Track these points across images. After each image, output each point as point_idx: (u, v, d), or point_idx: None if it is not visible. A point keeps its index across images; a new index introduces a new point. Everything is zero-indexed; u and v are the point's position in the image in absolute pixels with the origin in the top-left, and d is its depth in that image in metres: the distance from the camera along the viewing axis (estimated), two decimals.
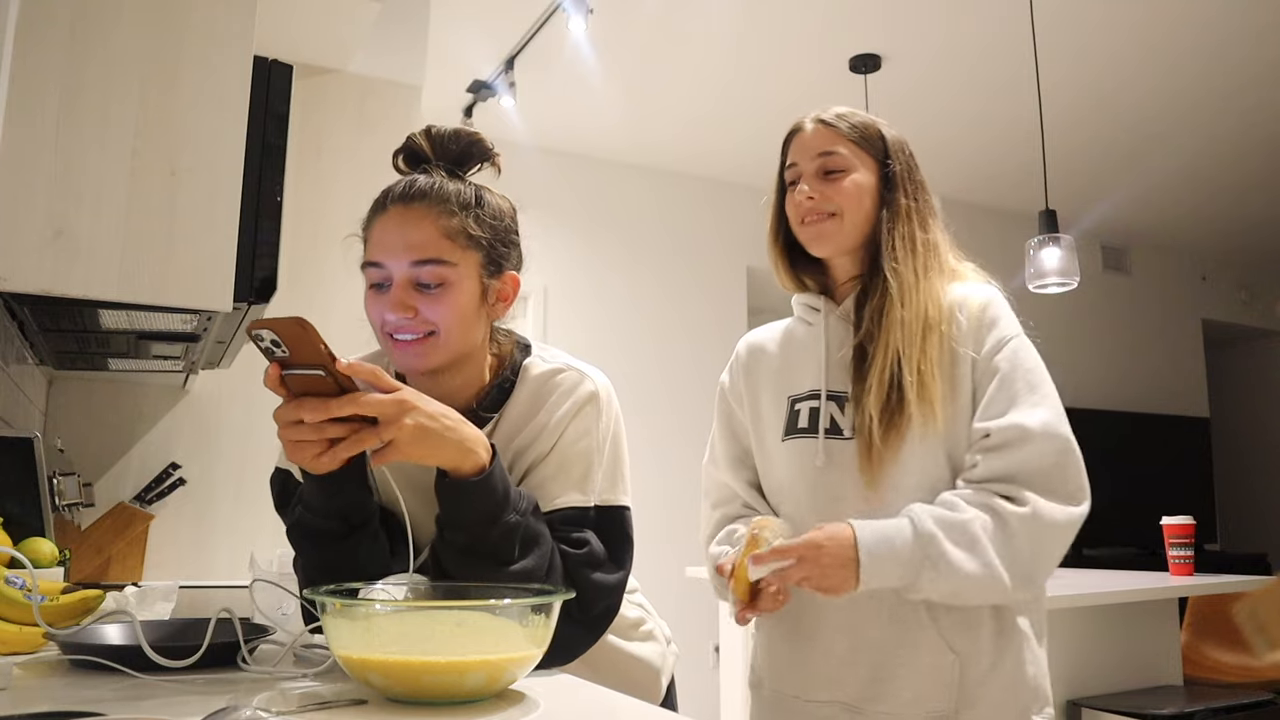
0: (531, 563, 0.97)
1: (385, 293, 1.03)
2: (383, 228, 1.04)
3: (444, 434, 0.93)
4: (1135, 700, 2.40)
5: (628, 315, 4.58)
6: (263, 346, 0.88)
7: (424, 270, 1.02)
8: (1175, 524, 2.71)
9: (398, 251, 1.02)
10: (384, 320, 1.03)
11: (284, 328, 0.86)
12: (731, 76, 3.90)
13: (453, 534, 0.97)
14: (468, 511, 0.95)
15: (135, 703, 0.81)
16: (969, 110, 4.19)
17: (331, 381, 0.88)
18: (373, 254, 1.04)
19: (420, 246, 1.02)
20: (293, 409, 0.89)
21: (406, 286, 1.02)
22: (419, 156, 1.10)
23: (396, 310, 1.01)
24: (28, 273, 1.18)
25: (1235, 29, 3.48)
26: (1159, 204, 5.35)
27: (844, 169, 1.25)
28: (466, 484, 0.95)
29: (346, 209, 1.11)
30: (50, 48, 1.21)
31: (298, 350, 0.87)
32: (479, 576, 0.96)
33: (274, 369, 0.89)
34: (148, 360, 1.91)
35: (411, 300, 1.02)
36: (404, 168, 1.11)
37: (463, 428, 0.95)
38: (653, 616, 1.33)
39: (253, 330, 0.86)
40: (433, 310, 1.02)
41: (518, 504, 0.98)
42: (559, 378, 1.11)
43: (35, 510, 1.64)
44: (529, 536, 0.98)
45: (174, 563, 2.33)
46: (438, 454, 0.93)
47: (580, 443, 1.08)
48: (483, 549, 0.96)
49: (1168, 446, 5.75)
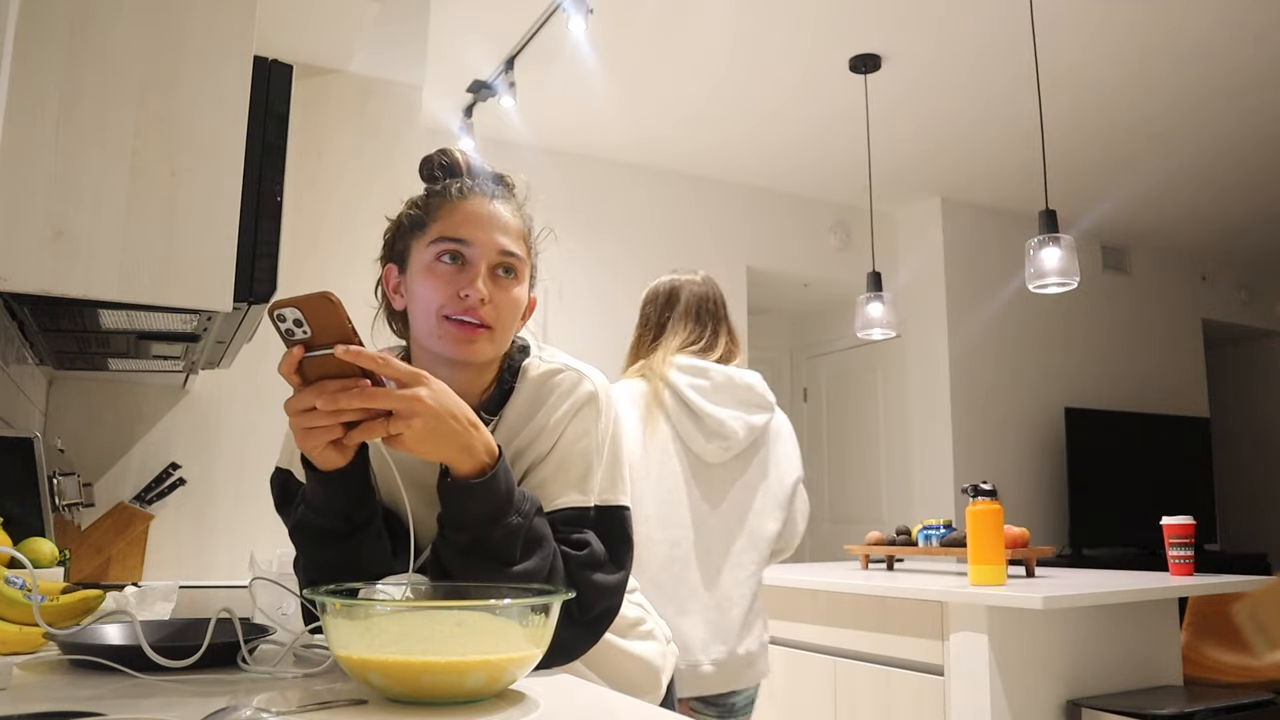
0: (533, 564, 0.97)
1: (463, 269, 1.04)
2: (472, 207, 1.06)
3: (452, 433, 0.92)
4: (1135, 700, 2.40)
5: (628, 315, 4.58)
6: (284, 328, 0.87)
7: (510, 259, 1.06)
8: (1175, 524, 2.71)
9: (491, 231, 1.05)
10: (453, 296, 1.03)
11: (310, 304, 0.85)
12: (731, 76, 3.90)
13: (454, 533, 0.97)
14: (470, 512, 0.95)
15: (135, 703, 0.81)
16: (969, 110, 4.19)
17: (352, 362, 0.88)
18: (459, 230, 1.05)
19: (511, 234, 1.07)
20: (310, 394, 0.89)
21: (489, 271, 1.05)
22: (454, 171, 1.13)
23: (476, 289, 1.02)
24: (28, 273, 1.18)
25: (1236, 29, 3.49)
26: (1159, 204, 5.35)
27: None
28: (469, 485, 0.95)
29: (346, 209, 1.11)
30: (50, 48, 1.21)
31: (322, 329, 0.86)
32: (480, 576, 0.96)
33: (298, 351, 0.88)
34: (148, 360, 1.91)
35: (489, 285, 1.04)
36: (438, 175, 1.13)
37: (471, 428, 0.95)
38: (652, 616, 1.33)
39: (275, 310, 0.86)
40: (505, 299, 1.05)
41: (521, 506, 0.98)
42: (558, 378, 1.11)
43: (35, 510, 1.64)
44: (531, 538, 0.98)
45: (174, 563, 2.33)
46: (443, 451, 0.93)
47: (580, 443, 1.08)
48: (484, 549, 0.96)
49: (1168, 446, 5.75)
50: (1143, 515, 4.08)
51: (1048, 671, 2.38)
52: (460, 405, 0.94)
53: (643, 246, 4.74)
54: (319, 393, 0.89)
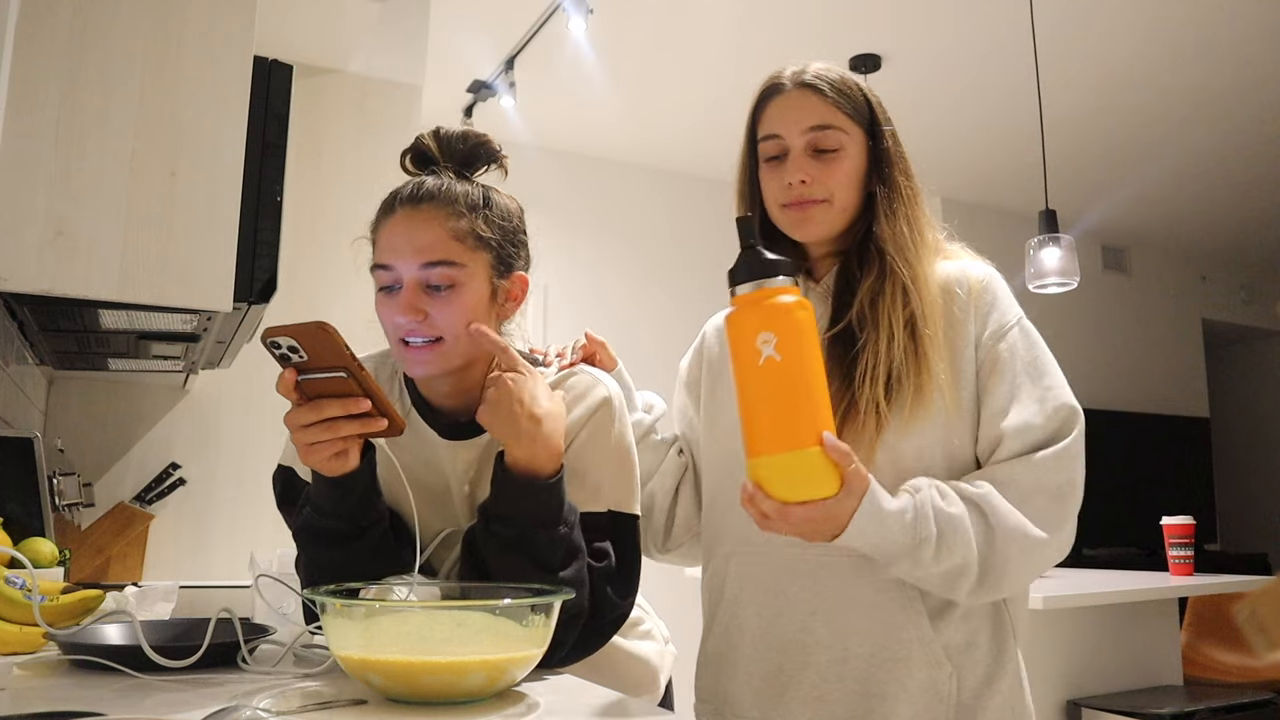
0: (569, 573, 0.97)
1: (395, 295, 1.02)
2: (391, 230, 1.03)
3: (512, 415, 0.96)
4: (1135, 700, 2.40)
5: (629, 315, 4.58)
6: (278, 354, 0.88)
7: (434, 272, 1.01)
8: (1175, 524, 2.71)
9: (407, 253, 1.01)
10: (395, 324, 1.03)
11: (305, 334, 0.85)
12: (731, 76, 3.90)
13: (500, 526, 0.97)
14: (523, 510, 0.96)
15: (135, 703, 0.81)
16: (969, 110, 4.19)
17: (353, 383, 0.89)
18: (381, 256, 1.04)
19: (429, 248, 1.01)
20: (309, 412, 0.90)
21: (416, 289, 1.01)
22: (427, 158, 1.10)
23: (406, 313, 1.01)
24: (28, 273, 1.18)
25: (1236, 31, 3.48)
26: (1159, 204, 5.35)
27: (837, 147, 1.12)
28: (529, 483, 0.96)
29: (346, 209, 1.11)
30: (50, 48, 1.22)
31: (318, 355, 0.87)
32: (518, 574, 0.96)
33: (290, 374, 0.89)
34: (148, 360, 1.91)
35: (421, 303, 1.01)
36: (412, 169, 1.11)
37: (533, 423, 0.96)
38: (651, 616, 1.33)
39: (268, 339, 0.86)
40: (442, 314, 1.01)
41: (569, 517, 0.98)
42: (571, 381, 1.11)
43: (35, 510, 1.64)
44: (572, 548, 0.98)
45: (174, 563, 2.33)
46: (502, 429, 0.97)
47: (594, 448, 1.07)
48: (528, 550, 0.96)
49: (1168, 446, 5.75)
50: (1143, 515, 4.08)
51: (1048, 671, 2.38)
52: (536, 401, 0.97)
53: (643, 246, 4.73)
54: (319, 413, 0.90)
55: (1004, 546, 1.01)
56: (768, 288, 0.94)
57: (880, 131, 1.15)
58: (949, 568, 1.00)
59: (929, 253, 1.14)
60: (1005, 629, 1.09)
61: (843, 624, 1.07)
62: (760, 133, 1.16)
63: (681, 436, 1.30)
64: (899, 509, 0.98)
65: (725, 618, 1.16)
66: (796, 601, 1.09)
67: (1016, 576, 1.02)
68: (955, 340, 1.10)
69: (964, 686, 1.05)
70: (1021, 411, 1.06)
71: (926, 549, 0.99)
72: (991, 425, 1.07)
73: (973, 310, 1.11)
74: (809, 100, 1.13)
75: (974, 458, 1.10)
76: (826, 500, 0.93)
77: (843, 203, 1.13)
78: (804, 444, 0.92)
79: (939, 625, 1.06)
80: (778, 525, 0.95)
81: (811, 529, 0.95)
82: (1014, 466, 1.04)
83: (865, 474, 0.96)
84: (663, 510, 1.26)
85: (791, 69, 1.16)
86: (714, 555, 1.20)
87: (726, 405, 1.18)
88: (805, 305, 0.95)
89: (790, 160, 1.12)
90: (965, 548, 1.00)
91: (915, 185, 1.16)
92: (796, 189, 1.11)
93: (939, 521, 1.00)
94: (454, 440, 1.08)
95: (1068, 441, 1.04)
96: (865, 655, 1.06)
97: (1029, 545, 1.01)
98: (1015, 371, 1.08)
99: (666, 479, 1.27)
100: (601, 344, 1.31)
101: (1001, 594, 1.04)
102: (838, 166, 1.12)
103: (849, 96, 1.14)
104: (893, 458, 1.05)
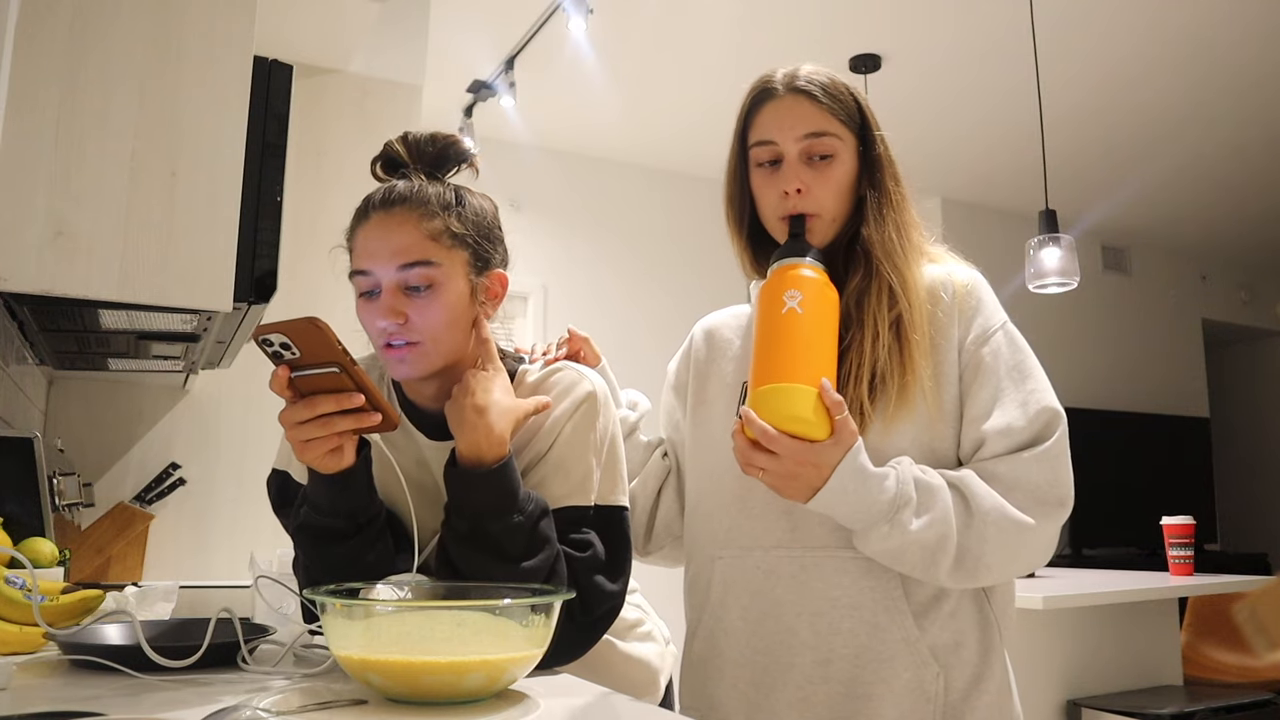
0: (534, 564, 0.97)
1: (375, 300, 1.03)
2: (366, 235, 1.04)
3: (460, 411, 1.00)
4: (1135, 700, 2.40)
5: (628, 315, 4.58)
6: (270, 351, 0.88)
7: (411, 273, 1.02)
8: (1175, 524, 2.71)
9: (383, 257, 1.02)
10: (377, 328, 1.03)
11: (296, 330, 0.86)
12: (731, 76, 3.89)
13: (456, 520, 0.99)
14: (470, 501, 0.98)
15: (135, 703, 0.81)
16: (969, 110, 4.19)
17: (346, 378, 0.89)
18: (359, 262, 1.05)
19: (405, 250, 1.02)
20: (304, 408, 0.91)
21: (395, 292, 1.02)
22: (397, 162, 1.11)
23: (387, 316, 1.01)
24: (28, 273, 1.18)
25: (1236, 31, 3.48)
26: (1159, 204, 5.35)
27: (831, 154, 1.12)
28: (468, 474, 0.98)
29: (346, 209, 1.11)
30: (50, 48, 1.21)
31: (310, 351, 0.87)
32: (479, 567, 0.97)
33: (284, 371, 0.90)
34: (148, 360, 1.91)
35: (401, 305, 1.02)
36: (383, 175, 1.12)
37: (478, 417, 0.98)
38: (651, 617, 1.33)
39: (260, 336, 0.86)
40: (422, 315, 1.02)
41: (524, 506, 0.98)
42: (556, 376, 1.11)
43: (35, 510, 1.64)
44: (535, 538, 0.98)
45: (174, 563, 2.33)
46: (454, 426, 1.00)
47: (579, 443, 1.07)
48: (483, 541, 0.97)
49: (1168, 446, 5.75)
50: (1143, 515, 4.08)
51: (1048, 671, 2.38)
52: (482, 392, 1.00)
53: (643, 246, 4.73)
54: (313, 410, 0.90)
55: (981, 526, 1.02)
56: (807, 264, 1.06)
57: (871, 136, 1.15)
58: (929, 538, 1.01)
59: (916, 257, 1.14)
60: (992, 630, 1.10)
61: (827, 625, 1.07)
62: (752, 138, 1.16)
63: (667, 439, 1.31)
64: (881, 473, 1.01)
65: (710, 622, 1.16)
66: (781, 604, 1.09)
67: (995, 559, 1.02)
68: (939, 343, 1.11)
69: (951, 687, 1.05)
70: (1004, 414, 1.07)
71: (907, 511, 1.00)
72: (974, 427, 1.09)
73: (957, 314, 1.12)
74: (803, 106, 1.12)
75: (955, 460, 1.11)
76: (815, 443, 0.98)
77: (833, 214, 1.13)
78: (804, 381, 0.99)
79: (924, 625, 1.06)
80: (761, 458, 0.99)
81: (794, 466, 0.99)
82: (995, 464, 1.06)
83: (855, 430, 1.00)
84: (644, 512, 1.27)
85: (782, 72, 1.15)
86: (696, 559, 1.20)
87: (713, 408, 1.20)
88: (832, 287, 1.07)
89: (785, 167, 1.12)
90: (944, 520, 1.01)
91: (904, 190, 1.16)
92: (792, 199, 1.12)
93: (919, 489, 1.02)
94: (440, 441, 1.09)
95: (1049, 443, 1.05)
96: (850, 656, 1.06)
97: (1007, 526, 1.02)
98: (999, 375, 1.09)
99: (649, 482, 1.28)
100: (585, 340, 1.32)
101: (981, 579, 1.04)
102: (832, 173, 1.12)
103: (841, 101, 1.14)
104: (875, 457, 1.05)
